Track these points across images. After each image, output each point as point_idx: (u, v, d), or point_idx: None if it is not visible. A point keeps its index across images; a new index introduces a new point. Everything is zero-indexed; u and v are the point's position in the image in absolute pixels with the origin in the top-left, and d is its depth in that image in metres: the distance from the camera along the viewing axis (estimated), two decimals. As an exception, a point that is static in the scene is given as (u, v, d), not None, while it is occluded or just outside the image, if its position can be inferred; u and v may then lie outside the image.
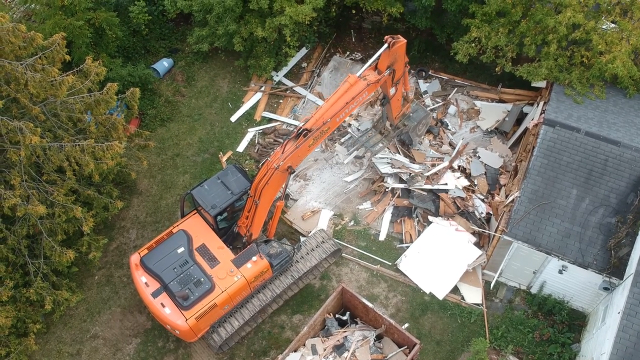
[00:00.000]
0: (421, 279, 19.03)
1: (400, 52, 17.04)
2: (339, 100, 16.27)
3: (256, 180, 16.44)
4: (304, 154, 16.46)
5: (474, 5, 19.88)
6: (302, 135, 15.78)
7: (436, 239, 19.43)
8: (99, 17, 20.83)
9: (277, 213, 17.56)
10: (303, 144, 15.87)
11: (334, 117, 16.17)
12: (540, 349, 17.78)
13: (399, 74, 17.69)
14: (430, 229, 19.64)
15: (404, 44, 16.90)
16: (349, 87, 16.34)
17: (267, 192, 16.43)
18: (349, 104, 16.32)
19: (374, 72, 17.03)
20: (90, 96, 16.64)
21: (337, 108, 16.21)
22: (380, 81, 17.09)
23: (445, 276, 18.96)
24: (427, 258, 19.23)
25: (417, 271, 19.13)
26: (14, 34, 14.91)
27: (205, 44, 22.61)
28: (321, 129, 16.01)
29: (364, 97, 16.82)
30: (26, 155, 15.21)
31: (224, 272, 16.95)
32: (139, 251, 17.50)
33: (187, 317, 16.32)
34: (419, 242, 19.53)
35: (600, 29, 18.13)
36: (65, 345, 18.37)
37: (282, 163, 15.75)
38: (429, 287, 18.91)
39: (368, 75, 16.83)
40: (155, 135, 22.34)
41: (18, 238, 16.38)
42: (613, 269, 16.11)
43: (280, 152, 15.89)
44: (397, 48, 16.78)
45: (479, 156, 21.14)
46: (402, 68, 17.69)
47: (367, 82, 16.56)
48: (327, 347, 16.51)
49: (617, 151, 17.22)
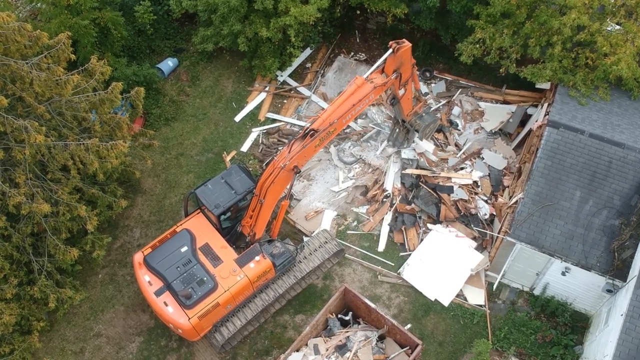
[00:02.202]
0: (425, 286, 19.00)
1: (405, 56, 17.13)
2: (345, 102, 16.33)
3: (262, 179, 16.51)
4: (310, 154, 16.53)
5: (478, 6, 19.89)
6: (309, 136, 15.85)
7: (437, 246, 19.42)
8: (104, 16, 20.90)
9: (282, 213, 17.60)
10: (309, 145, 15.94)
11: (340, 118, 16.25)
12: (543, 351, 17.75)
13: (406, 76, 17.76)
14: (430, 236, 19.64)
15: (409, 48, 16.99)
16: (355, 89, 16.41)
17: (273, 191, 16.47)
18: (356, 106, 16.41)
19: (380, 75, 17.10)
20: (95, 95, 16.72)
21: (343, 109, 16.28)
22: (387, 84, 17.17)
23: (449, 282, 18.93)
24: (429, 265, 19.20)
25: (420, 279, 19.10)
26: (20, 33, 14.97)
27: (209, 43, 22.67)
28: (327, 130, 16.07)
29: (370, 100, 16.90)
30: (31, 154, 15.26)
31: (227, 271, 16.99)
32: (142, 250, 17.54)
33: (189, 316, 16.35)
34: (420, 250, 19.51)
35: (605, 30, 18.10)
36: (69, 343, 18.45)
37: (289, 162, 15.83)
38: (434, 294, 18.88)
39: (375, 78, 16.90)
40: (159, 134, 22.41)
41: (22, 236, 16.44)
42: (616, 271, 16.09)
43: (287, 152, 15.97)
44: (402, 52, 16.86)
45: (483, 157, 21.14)
46: (409, 70, 17.78)
47: (374, 85, 16.64)
48: (330, 347, 16.53)
49: (621, 153, 17.18)
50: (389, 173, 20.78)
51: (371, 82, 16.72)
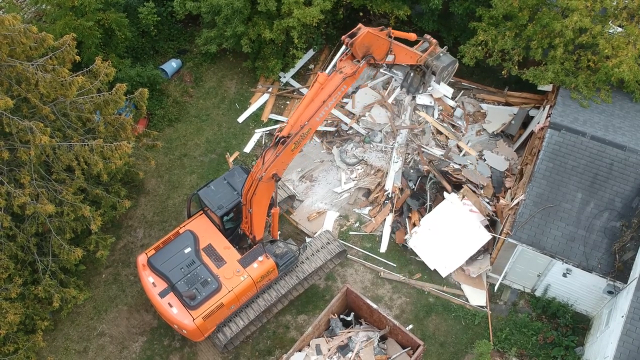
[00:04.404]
0: (428, 255, 19.16)
1: (369, 38, 15.27)
2: (313, 102, 15.37)
3: (244, 190, 16.22)
4: (288, 160, 15.82)
5: (480, 8, 19.97)
6: (280, 143, 15.20)
7: (448, 217, 19.40)
8: (108, 17, 21.01)
9: (275, 220, 17.54)
10: (284, 151, 15.27)
11: (313, 117, 15.31)
12: (544, 352, 17.81)
13: (382, 53, 15.92)
14: (443, 205, 19.57)
15: (366, 34, 15.08)
16: (319, 88, 15.38)
17: (258, 201, 16.27)
18: (327, 102, 15.36)
19: (350, 62, 15.54)
20: (99, 96, 16.83)
21: (313, 109, 15.23)
22: (358, 72, 15.62)
23: (452, 256, 19.06)
24: (437, 235, 19.27)
25: (425, 248, 19.24)
26: (26, 35, 15.11)
27: (213, 45, 22.76)
28: (301, 133, 15.27)
29: (343, 91, 15.65)
30: (36, 155, 15.38)
31: (230, 272, 17.07)
32: (146, 251, 17.62)
33: (194, 317, 16.44)
34: (429, 219, 19.55)
35: (606, 33, 18.16)
36: (73, 343, 18.56)
37: (265, 173, 15.34)
38: (434, 264, 19.07)
39: (344, 67, 15.45)
40: (163, 135, 22.52)
41: (27, 236, 16.56)
42: (617, 272, 16.15)
43: (260, 163, 15.44)
44: (363, 39, 15.12)
45: (485, 159, 21.20)
46: (384, 45, 15.83)
47: (344, 76, 15.27)
48: (332, 347, 16.61)
49: (622, 155, 17.24)
50: (389, 173, 20.86)
51: (340, 72, 15.35)
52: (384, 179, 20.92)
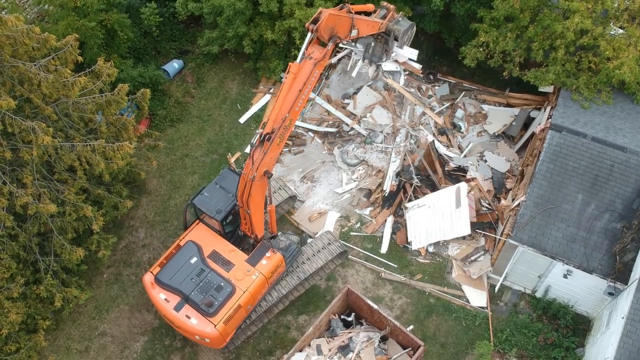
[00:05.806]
0: (412, 228, 19.72)
1: (332, 20, 15.16)
2: (289, 93, 15.36)
3: (239, 192, 16.23)
4: (276, 154, 15.95)
5: (482, 10, 19.99)
6: (266, 140, 15.31)
7: (449, 201, 19.65)
8: (110, 18, 21.06)
9: (272, 216, 17.62)
10: (270, 147, 15.41)
11: (292, 108, 15.36)
12: (545, 353, 17.83)
13: (345, 32, 15.81)
14: (452, 189, 19.80)
15: (329, 16, 14.97)
16: (293, 78, 15.36)
17: (254, 201, 16.30)
18: (302, 90, 15.31)
19: (318, 47, 15.50)
20: (101, 97, 16.88)
21: (290, 100, 15.26)
22: (327, 55, 15.58)
23: (428, 234, 19.59)
24: (432, 214, 19.63)
25: (414, 221, 19.73)
26: (29, 35, 15.16)
27: (215, 45, 22.81)
28: (283, 126, 15.37)
29: (316, 76, 15.68)
30: (38, 155, 15.40)
31: (241, 273, 17.04)
32: (150, 270, 17.44)
33: (215, 323, 16.32)
34: (434, 197, 19.90)
35: (608, 34, 18.17)
36: (74, 342, 18.62)
37: (256, 173, 15.43)
38: (411, 236, 19.70)
39: (313, 52, 15.37)
40: (164, 135, 22.57)
41: (29, 236, 16.60)
42: (618, 274, 16.17)
43: (250, 163, 15.48)
44: (327, 22, 14.97)
45: (486, 160, 21.23)
46: (346, 24, 15.69)
47: (315, 61, 15.26)
48: (332, 347, 16.65)
49: (623, 157, 17.26)
50: (388, 173, 20.91)
51: (310, 58, 15.28)
52: (385, 180, 20.96)
